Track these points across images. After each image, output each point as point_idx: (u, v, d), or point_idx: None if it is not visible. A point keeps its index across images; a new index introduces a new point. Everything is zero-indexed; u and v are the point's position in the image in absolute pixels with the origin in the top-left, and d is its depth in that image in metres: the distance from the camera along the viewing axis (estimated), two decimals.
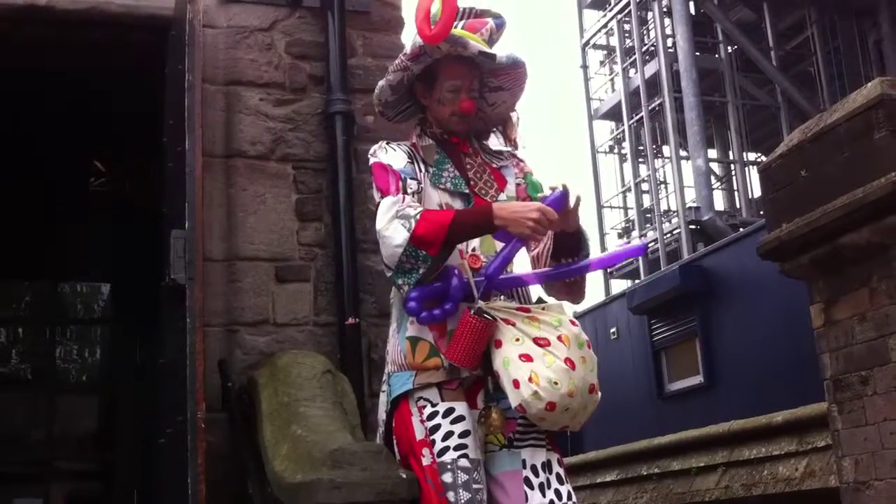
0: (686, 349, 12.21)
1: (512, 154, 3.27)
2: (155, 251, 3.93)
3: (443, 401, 2.88)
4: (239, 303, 4.28)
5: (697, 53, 22.96)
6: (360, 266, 4.44)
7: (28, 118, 5.03)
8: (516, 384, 2.76)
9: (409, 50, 3.02)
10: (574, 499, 2.91)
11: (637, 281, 19.27)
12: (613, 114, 26.20)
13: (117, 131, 5.06)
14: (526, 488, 2.87)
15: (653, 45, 24.24)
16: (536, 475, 2.89)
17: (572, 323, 2.89)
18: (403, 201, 2.90)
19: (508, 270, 3.04)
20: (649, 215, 24.58)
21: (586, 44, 27.56)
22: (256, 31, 4.66)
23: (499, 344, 2.83)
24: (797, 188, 5.34)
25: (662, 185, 24.67)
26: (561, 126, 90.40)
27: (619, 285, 22.99)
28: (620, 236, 26.09)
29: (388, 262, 2.86)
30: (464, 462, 2.82)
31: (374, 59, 4.80)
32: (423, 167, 3.07)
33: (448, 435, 2.84)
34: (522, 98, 3.25)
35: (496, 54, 3.08)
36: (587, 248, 3.06)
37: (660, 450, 7.90)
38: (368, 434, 3.69)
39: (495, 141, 3.28)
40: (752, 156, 24.28)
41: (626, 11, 25.25)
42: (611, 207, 26.55)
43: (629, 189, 25.64)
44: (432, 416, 2.87)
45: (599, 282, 24.39)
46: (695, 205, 22.16)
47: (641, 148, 25.04)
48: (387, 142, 3.12)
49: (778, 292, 9.49)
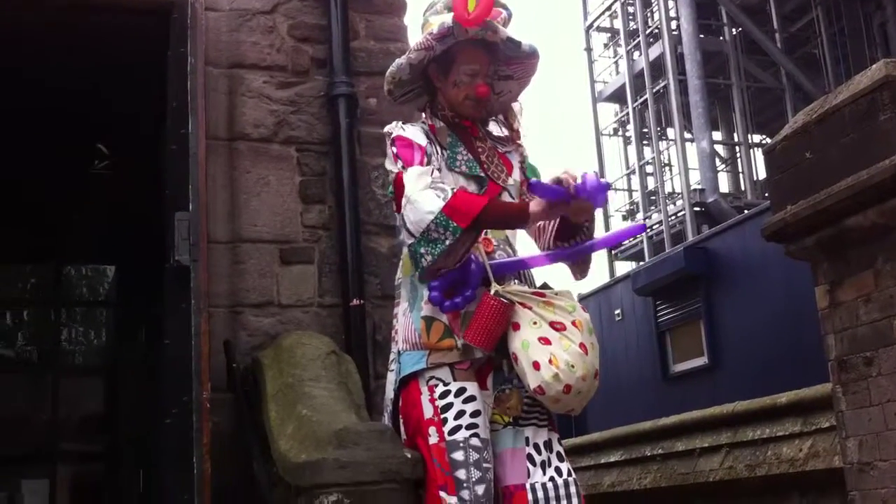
0: (690, 331, 12.22)
1: (512, 140, 3.29)
2: (159, 233, 3.94)
3: (455, 380, 2.90)
4: (243, 284, 4.29)
5: (702, 36, 22.86)
6: (364, 248, 4.45)
7: (31, 101, 5.03)
8: (536, 366, 2.80)
9: (436, 30, 3.02)
10: (573, 476, 2.96)
11: (641, 263, 19.27)
12: (618, 96, 26.13)
13: (121, 115, 5.06)
14: (528, 465, 2.91)
15: (657, 27, 24.15)
16: (539, 453, 2.93)
17: (583, 309, 2.94)
18: (432, 174, 2.91)
19: (509, 255, 3.05)
20: (654, 198, 24.55)
21: (590, 26, 27.46)
22: (258, 14, 4.65)
23: (517, 327, 2.86)
24: (802, 170, 5.32)
25: (667, 168, 24.63)
26: (565, 109, 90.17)
27: (623, 267, 22.99)
28: (625, 218, 26.08)
29: (414, 229, 2.84)
30: (475, 441, 2.85)
31: (376, 42, 4.79)
32: (439, 149, 3.08)
33: (460, 414, 2.87)
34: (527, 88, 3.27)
35: (521, 42, 3.10)
36: (592, 232, 3.09)
37: (664, 431, 7.91)
38: (373, 414, 3.71)
39: (495, 128, 3.30)
40: (756, 138, 24.23)
41: None
42: (615, 190, 26.49)
43: (633, 171, 25.59)
44: (444, 394, 2.89)
45: (604, 263, 24.40)
46: (699, 187, 22.12)
47: (646, 130, 24.99)
48: (402, 122, 3.13)
49: (782, 274, 9.50)
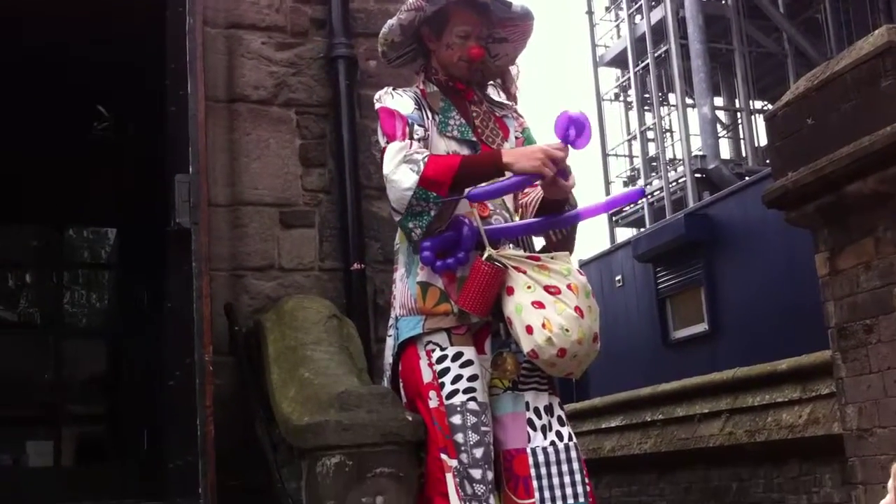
0: (691, 297, 12.24)
1: (510, 106, 3.28)
2: (160, 196, 3.93)
3: (451, 345, 2.92)
4: (244, 248, 4.28)
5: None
6: (365, 212, 4.44)
7: (31, 63, 5.00)
8: (529, 330, 2.80)
9: None
10: (574, 440, 2.97)
11: (642, 229, 19.25)
12: (619, 61, 25.97)
13: (120, 75, 5.03)
14: (529, 429, 2.92)
15: None
16: (539, 417, 2.94)
17: (579, 272, 2.93)
18: (410, 147, 2.91)
19: (505, 220, 3.05)
20: (655, 164, 24.49)
21: None
22: None
23: (510, 291, 2.87)
24: (803, 136, 5.31)
25: (668, 134, 24.54)
26: (566, 73, 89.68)
27: (624, 233, 22.98)
28: (626, 184, 26.02)
29: (397, 206, 2.87)
30: (472, 405, 2.86)
31: (376, 3, 4.74)
32: (430, 114, 3.07)
33: (457, 378, 2.88)
34: (524, 51, 3.25)
35: (511, 2, 3.08)
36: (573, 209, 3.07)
37: (664, 396, 7.96)
38: (375, 378, 3.73)
39: (493, 92, 3.29)
40: (758, 104, 24.13)
41: None
42: (616, 156, 26.44)
43: (634, 137, 25.51)
44: (441, 359, 2.90)
45: (604, 230, 24.41)
46: (700, 153, 22.06)
47: (647, 95, 24.88)
48: (393, 88, 3.12)
49: (783, 241, 9.50)
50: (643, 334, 12.96)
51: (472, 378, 2.89)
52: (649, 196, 23.35)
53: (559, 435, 2.94)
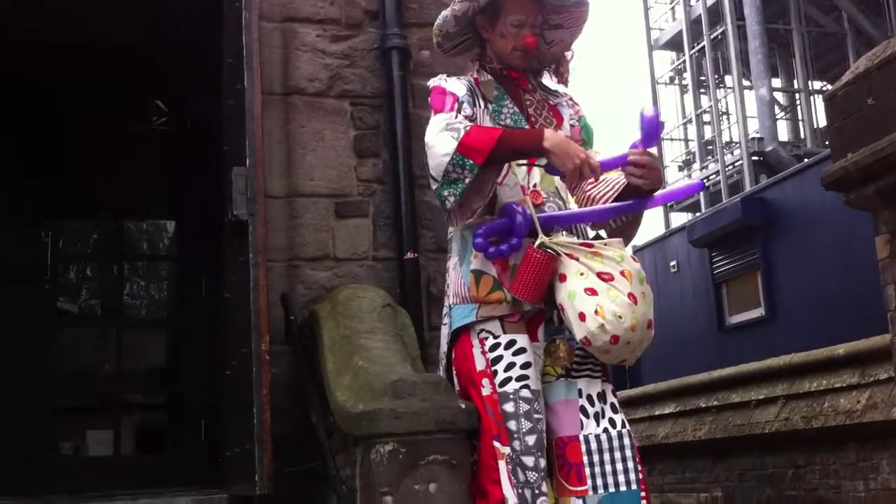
0: (747, 282, 12.12)
1: (565, 93, 3.27)
2: (217, 188, 3.99)
3: (505, 333, 2.93)
4: (300, 238, 4.34)
5: None
6: (418, 201, 4.47)
7: (94, 58, 5.11)
8: (582, 317, 2.80)
9: None
10: (628, 427, 2.96)
11: (697, 214, 19.08)
12: (674, 43, 25.72)
13: (180, 71, 5.12)
14: (581, 417, 2.93)
15: None
16: (592, 405, 2.95)
17: (633, 259, 2.92)
18: (455, 118, 2.93)
19: (559, 207, 3.05)
20: (710, 147, 24.23)
21: None
22: None
23: (563, 278, 2.87)
24: (863, 117, 5.23)
25: (724, 116, 24.26)
26: (620, 57, 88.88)
27: (679, 218, 22.77)
28: (681, 169, 25.80)
29: (435, 173, 2.88)
30: (525, 392, 2.87)
31: None
32: (483, 103, 3.08)
33: (510, 366, 2.89)
34: (579, 37, 3.24)
35: None
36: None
37: (719, 382, 7.89)
38: (428, 366, 3.76)
39: (548, 79, 3.29)
40: (817, 84, 23.74)
41: None
42: (671, 139, 26.19)
43: (690, 121, 25.25)
44: (494, 347, 2.92)
45: (659, 215, 24.19)
46: (757, 136, 21.79)
47: (703, 78, 24.61)
48: (447, 75, 3.14)
49: (841, 224, 9.37)
50: (698, 320, 12.86)
51: (525, 366, 2.90)
52: (705, 181, 23.13)
53: (612, 422, 2.94)
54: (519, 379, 2.88)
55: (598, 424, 2.92)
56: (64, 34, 4.93)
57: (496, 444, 2.84)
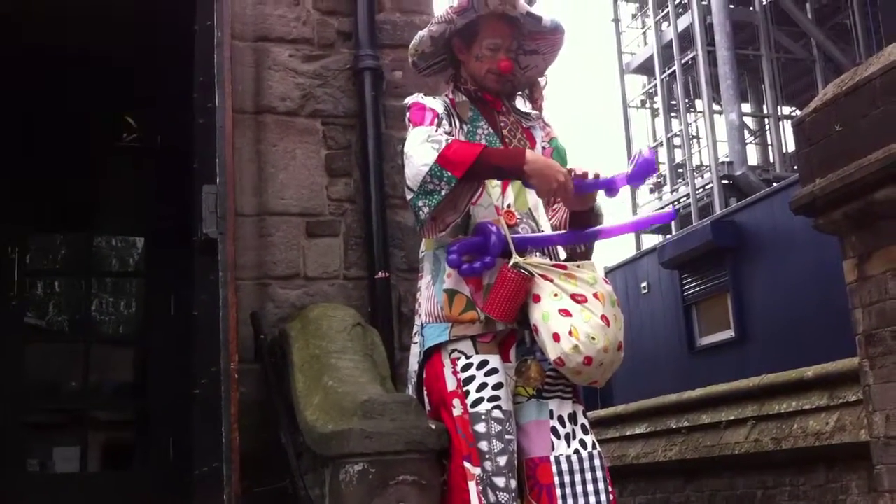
0: (717, 304, 12.19)
1: (538, 116, 3.29)
2: (187, 206, 3.97)
3: (477, 353, 2.93)
4: (270, 257, 4.32)
5: (731, 6, 22.63)
6: (390, 221, 4.47)
7: (64, 76, 5.08)
8: (556, 337, 2.80)
9: (455, 3, 3.04)
10: (598, 448, 2.96)
11: (668, 236, 19.19)
12: (646, 68, 25.95)
13: (148, 88, 5.10)
14: (552, 437, 2.92)
15: None
16: (563, 426, 2.94)
17: (605, 281, 2.94)
18: (436, 131, 2.93)
19: (532, 229, 3.07)
20: (681, 170, 24.42)
21: None
22: None
23: (537, 299, 2.87)
24: (831, 142, 5.28)
25: (695, 140, 24.48)
26: (592, 80, 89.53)
27: (650, 240, 22.89)
28: (652, 191, 25.95)
29: (411, 183, 2.88)
30: (497, 413, 2.86)
31: (402, 15, 4.78)
32: (458, 123, 3.09)
33: (482, 386, 2.89)
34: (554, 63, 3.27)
35: (542, 17, 3.10)
36: (600, 222, 3.10)
37: (689, 403, 7.92)
38: (399, 386, 3.74)
39: (521, 102, 3.31)
40: (786, 110, 24.02)
41: None
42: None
43: (661, 144, 25.44)
44: (466, 367, 2.91)
45: (630, 236, 24.31)
46: (727, 160, 22.00)
47: (674, 102, 24.83)
48: (423, 94, 3.14)
49: (810, 248, 9.45)
50: (669, 341, 12.91)
51: (497, 386, 2.90)
52: (676, 203, 23.28)
53: (583, 443, 2.94)
54: (491, 399, 2.87)
55: (570, 445, 2.92)
56: (42, 46, 4.90)
57: (467, 464, 2.83)
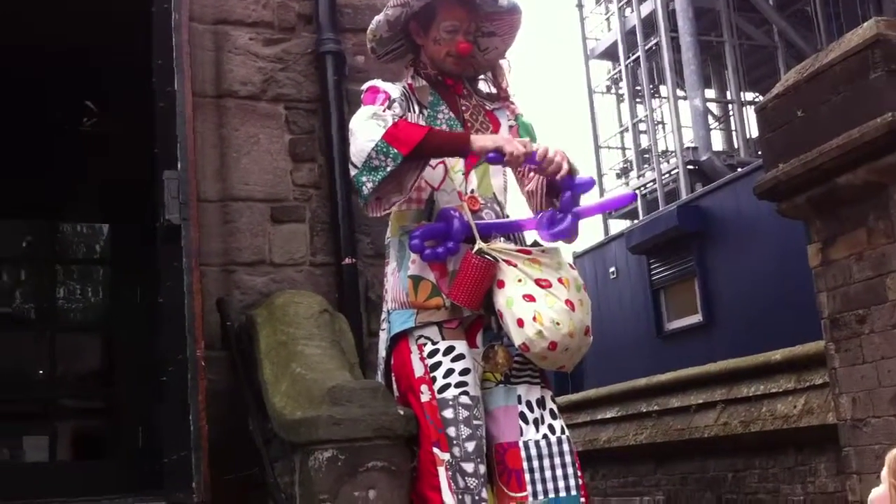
0: (685, 288, 12.26)
1: (504, 99, 3.27)
2: (150, 192, 3.92)
3: (443, 339, 2.92)
4: (235, 243, 4.27)
5: None
6: (356, 206, 4.40)
7: (24, 60, 4.99)
8: (520, 323, 2.80)
9: None
10: (567, 433, 2.97)
11: (635, 221, 19.27)
12: (610, 53, 25.96)
13: (110, 73, 5.02)
14: (521, 423, 2.92)
15: None
16: (531, 410, 2.94)
17: (570, 266, 2.93)
18: (384, 112, 2.91)
19: (497, 214, 3.05)
20: (647, 156, 24.50)
21: None
22: None
23: (501, 284, 2.87)
24: (793, 128, 5.32)
25: (660, 126, 24.55)
26: (557, 66, 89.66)
27: (617, 225, 22.99)
28: (619, 176, 26.04)
29: (356, 159, 2.87)
30: (465, 399, 2.86)
31: None
32: (418, 108, 3.07)
33: (449, 372, 2.88)
34: (514, 45, 3.25)
35: None
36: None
37: (659, 387, 7.98)
38: (367, 372, 3.72)
39: (484, 85, 3.29)
40: (749, 95, 24.14)
41: None
42: (608, 148, 26.44)
43: (626, 129, 25.51)
44: (433, 353, 2.90)
45: (598, 222, 24.39)
46: (692, 145, 22.07)
47: (639, 88, 24.87)
48: (381, 80, 3.11)
49: (775, 232, 9.52)
50: (638, 326, 12.97)
51: (464, 372, 2.89)
52: (642, 188, 23.37)
53: (551, 428, 2.94)
54: (458, 385, 2.87)
55: (538, 430, 2.92)
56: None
57: (436, 450, 2.82)
